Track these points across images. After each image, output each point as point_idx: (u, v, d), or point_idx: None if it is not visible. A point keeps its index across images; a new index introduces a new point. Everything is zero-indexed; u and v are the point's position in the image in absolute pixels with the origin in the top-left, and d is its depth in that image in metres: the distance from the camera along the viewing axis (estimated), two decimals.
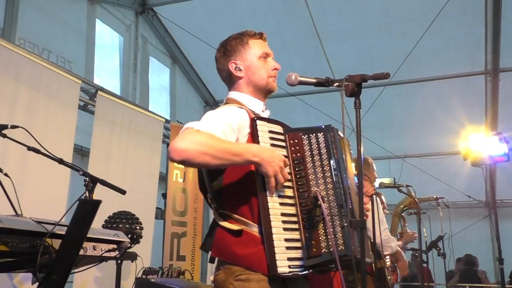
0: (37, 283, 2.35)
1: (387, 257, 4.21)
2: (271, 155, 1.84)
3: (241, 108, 2.04)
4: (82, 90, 5.69)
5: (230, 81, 2.20)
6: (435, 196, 5.88)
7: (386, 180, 5.51)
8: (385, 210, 5.66)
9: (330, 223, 1.87)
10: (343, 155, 2.04)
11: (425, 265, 5.66)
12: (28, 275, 2.47)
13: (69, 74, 5.33)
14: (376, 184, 5.55)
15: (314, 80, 2.12)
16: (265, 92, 2.20)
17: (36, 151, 2.69)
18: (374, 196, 3.68)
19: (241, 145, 1.90)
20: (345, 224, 1.87)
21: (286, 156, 1.95)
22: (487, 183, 9.75)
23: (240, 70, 2.15)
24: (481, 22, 7.34)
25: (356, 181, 2.11)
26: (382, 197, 5.59)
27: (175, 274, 4.44)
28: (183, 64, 8.81)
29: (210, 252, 2.02)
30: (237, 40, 2.18)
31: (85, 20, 6.64)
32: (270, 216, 1.83)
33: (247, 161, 1.83)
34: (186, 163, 1.82)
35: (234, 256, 1.89)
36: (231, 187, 1.95)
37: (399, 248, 4.44)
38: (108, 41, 7.35)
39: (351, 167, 2.11)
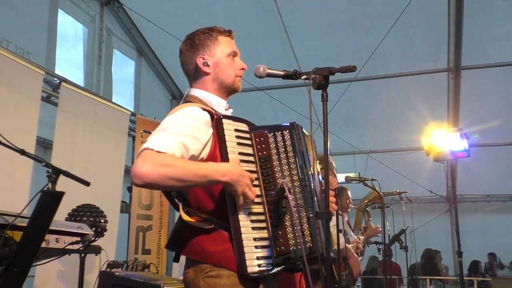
0: None
1: None
2: (240, 175, 1.81)
3: (203, 108, 1.96)
4: (45, 81, 5.55)
5: (195, 75, 2.14)
6: (398, 191, 6.01)
7: (352, 174, 5.57)
8: (351, 205, 5.75)
9: (298, 220, 1.88)
10: (308, 152, 2.05)
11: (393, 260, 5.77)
12: None
13: (32, 64, 5.20)
14: (342, 178, 5.63)
15: (282, 73, 2.13)
16: (229, 91, 2.16)
17: None
18: None
19: (208, 166, 1.82)
20: (311, 215, 1.89)
21: (252, 155, 1.95)
22: (448, 179, 10.00)
23: (208, 65, 2.10)
24: (444, 20, 7.49)
25: (321, 178, 2.13)
26: (348, 192, 5.67)
27: (140, 267, 4.40)
28: (149, 57, 8.70)
29: (177, 251, 1.99)
30: (206, 35, 2.13)
31: (46, 10, 6.47)
32: (239, 216, 1.83)
33: (215, 181, 1.80)
34: (149, 187, 1.77)
35: (204, 253, 1.87)
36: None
37: (348, 246, 4.49)
38: (71, 32, 7.19)
39: (316, 165, 2.12)
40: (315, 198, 1.96)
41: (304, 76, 2.07)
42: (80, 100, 5.83)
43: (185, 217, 1.91)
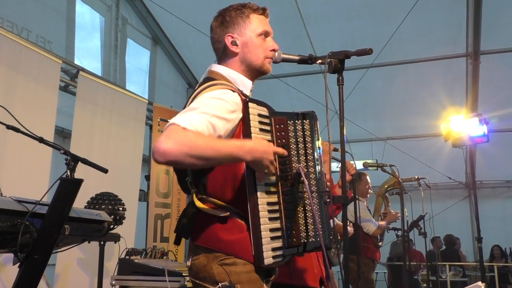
0: (18, 264, 2.33)
1: None
2: (263, 151, 1.74)
3: (232, 90, 1.87)
4: (63, 71, 5.59)
5: (223, 54, 2.04)
6: (416, 177, 5.96)
7: (369, 161, 5.53)
8: (370, 190, 5.73)
9: (310, 212, 1.86)
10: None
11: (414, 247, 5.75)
12: (9, 258, 2.44)
13: (49, 53, 5.23)
14: (360, 165, 5.61)
15: (297, 57, 2.10)
16: (257, 73, 2.07)
17: (16, 129, 2.64)
18: None
19: (232, 143, 1.74)
20: (328, 200, 1.88)
21: (270, 141, 1.88)
22: (467, 165, 9.89)
23: (236, 45, 2.00)
24: (463, 4, 7.36)
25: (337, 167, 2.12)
26: (367, 177, 5.64)
27: (158, 255, 4.42)
28: (165, 45, 8.70)
29: (188, 237, 1.95)
30: (237, 12, 2.03)
31: (65, 0, 6.51)
32: (259, 206, 1.78)
33: (238, 159, 1.73)
34: (171, 164, 1.69)
35: (219, 242, 1.82)
36: (216, 171, 1.84)
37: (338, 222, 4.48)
38: (88, 22, 7.21)
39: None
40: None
41: (320, 61, 2.04)
42: (98, 89, 5.86)
43: (199, 204, 1.85)
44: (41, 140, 2.63)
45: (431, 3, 7.22)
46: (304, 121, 1.95)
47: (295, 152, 1.91)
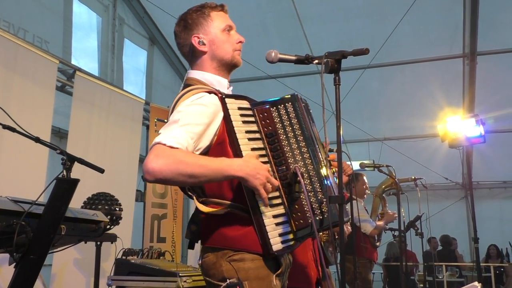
0: (14, 264, 2.32)
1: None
2: (254, 167, 1.75)
3: (209, 91, 1.89)
4: (60, 71, 5.57)
5: (193, 56, 2.08)
6: (413, 177, 5.96)
7: (366, 161, 5.53)
8: (367, 191, 5.73)
9: (312, 195, 1.87)
10: (313, 122, 2.03)
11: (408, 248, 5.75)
12: (5, 258, 2.44)
13: (46, 53, 5.22)
14: (356, 165, 5.61)
15: (294, 58, 2.11)
16: (230, 67, 2.09)
17: (12, 129, 2.62)
18: None
19: (221, 161, 1.76)
20: (325, 200, 1.88)
21: (257, 131, 1.91)
22: (463, 165, 9.90)
23: (204, 44, 2.03)
24: (459, 5, 7.38)
25: (328, 154, 2.11)
26: (364, 177, 5.65)
27: (155, 255, 4.41)
28: (162, 46, 8.69)
29: (198, 241, 1.97)
30: (198, 13, 2.06)
31: (62, 0, 6.49)
32: (256, 195, 1.79)
33: (230, 176, 1.76)
34: (161, 183, 1.74)
35: (226, 240, 1.84)
36: None
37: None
38: (86, 22, 7.20)
39: (318, 135, 2.08)
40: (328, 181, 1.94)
41: (316, 61, 2.04)
42: (95, 89, 5.84)
43: (203, 208, 1.87)
44: (37, 140, 2.62)
45: (428, 4, 7.24)
46: (287, 104, 1.96)
47: (285, 136, 1.91)
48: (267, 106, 1.95)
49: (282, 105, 1.96)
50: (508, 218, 10.32)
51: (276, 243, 1.78)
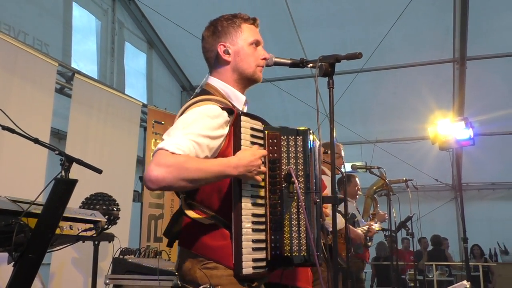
0: (12, 263, 2.30)
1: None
2: (248, 162, 1.76)
3: (221, 107, 1.85)
4: (59, 73, 5.55)
5: (215, 64, 2.05)
6: (404, 179, 5.97)
7: (358, 163, 5.53)
8: (359, 192, 5.73)
9: (296, 227, 1.85)
10: (316, 162, 2.00)
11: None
12: (4, 258, 2.42)
13: (45, 56, 5.20)
14: (348, 167, 5.61)
15: (289, 61, 2.11)
16: (249, 82, 2.07)
17: (11, 130, 2.61)
18: None
19: (219, 162, 1.77)
20: (318, 200, 1.88)
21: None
22: (453, 167, 9.92)
23: (229, 54, 2.00)
24: (449, 12, 7.40)
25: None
26: (357, 179, 5.65)
27: (152, 254, 4.41)
28: (159, 49, 8.68)
29: (175, 241, 1.98)
30: (229, 22, 2.03)
31: (61, 3, 6.47)
32: (242, 216, 1.79)
33: (227, 176, 1.77)
34: (164, 190, 1.74)
35: (204, 247, 1.84)
36: None
37: (351, 226, 4.45)
38: (85, 25, 7.18)
39: (320, 173, 2.06)
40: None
41: (311, 64, 2.04)
42: (93, 91, 5.83)
43: (189, 212, 1.88)
44: (36, 141, 2.60)
45: (420, 10, 7.26)
46: (298, 137, 1.93)
47: (286, 167, 1.89)
48: (279, 134, 1.92)
49: (293, 137, 1.92)
50: (497, 218, 10.37)
51: (247, 267, 1.78)
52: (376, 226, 5.55)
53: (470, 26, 7.37)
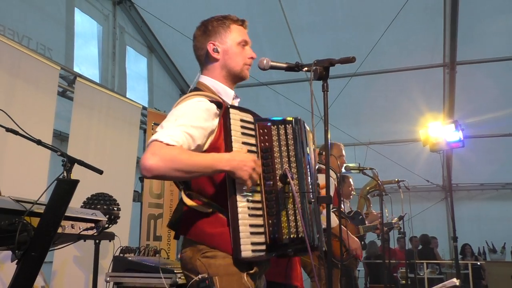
0: (16, 261, 2.30)
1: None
2: (240, 160, 1.79)
3: (210, 99, 1.91)
4: (61, 77, 5.55)
5: (205, 61, 2.11)
6: (396, 179, 6.00)
7: (352, 165, 5.54)
8: (353, 192, 5.74)
9: (298, 205, 1.85)
10: (307, 145, 2.03)
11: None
12: (7, 255, 2.42)
13: (48, 60, 5.19)
14: (342, 168, 5.61)
15: (284, 65, 2.12)
16: (237, 79, 2.12)
17: (15, 132, 2.61)
18: None
19: (212, 157, 1.81)
20: (313, 200, 1.88)
21: (254, 145, 1.92)
22: (444, 168, 9.96)
23: (218, 52, 2.06)
24: (440, 17, 7.42)
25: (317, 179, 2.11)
26: (350, 180, 5.66)
27: (151, 253, 4.40)
28: (159, 54, 8.68)
29: (177, 230, 2.01)
30: (219, 22, 2.10)
31: (64, 9, 6.46)
32: (237, 202, 1.82)
33: (219, 170, 1.80)
34: (158, 178, 1.80)
35: (203, 235, 1.87)
36: None
37: (344, 228, 4.41)
38: (87, 30, 7.18)
39: (313, 159, 2.10)
40: (316, 191, 1.96)
41: (306, 68, 2.06)
42: (94, 95, 5.82)
43: (186, 200, 1.92)
44: (39, 142, 2.60)
45: (411, 16, 7.27)
46: (287, 125, 1.95)
47: (278, 154, 1.92)
48: (269, 124, 1.96)
49: (283, 125, 1.95)
50: (485, 218, 10.40)
51: (246, 250, 1.79)
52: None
53: (460, 32, 7.38)
